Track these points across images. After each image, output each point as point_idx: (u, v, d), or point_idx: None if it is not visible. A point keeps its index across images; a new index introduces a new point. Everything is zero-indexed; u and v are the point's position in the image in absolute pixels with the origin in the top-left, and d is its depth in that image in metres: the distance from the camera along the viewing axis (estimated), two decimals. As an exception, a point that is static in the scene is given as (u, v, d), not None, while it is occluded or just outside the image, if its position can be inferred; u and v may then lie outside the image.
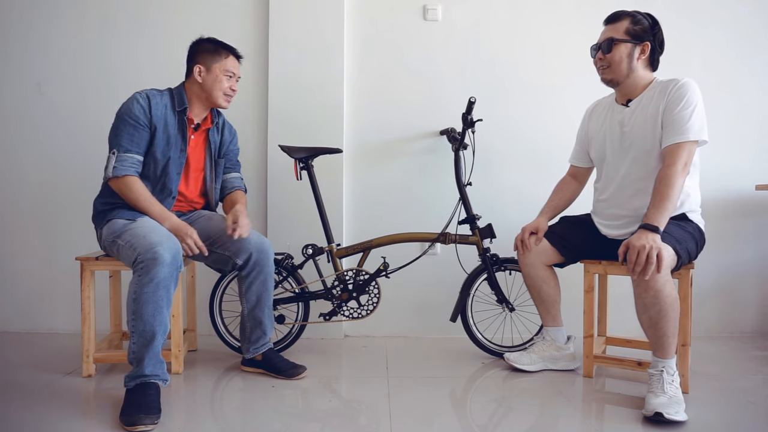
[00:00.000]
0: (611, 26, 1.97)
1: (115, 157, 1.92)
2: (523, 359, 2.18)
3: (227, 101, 2.08)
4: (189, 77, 2.07)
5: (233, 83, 2.08)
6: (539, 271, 2.16)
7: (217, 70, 2.03)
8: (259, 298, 2.10)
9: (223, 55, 2.05)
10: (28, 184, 2.70)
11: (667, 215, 1.76)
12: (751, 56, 2.72)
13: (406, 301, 2.71)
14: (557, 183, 2.30)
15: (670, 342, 1.79)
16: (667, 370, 1.79)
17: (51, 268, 2.70)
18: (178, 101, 2.02)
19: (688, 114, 1.82)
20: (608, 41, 1.95)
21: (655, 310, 1.75)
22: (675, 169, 1.78)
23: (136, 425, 1.62)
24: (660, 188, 1.78)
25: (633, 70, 1.94)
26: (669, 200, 1.76)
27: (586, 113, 2.21)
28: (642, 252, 1.69)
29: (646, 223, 1.75)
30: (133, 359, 1.76)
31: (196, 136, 2.10)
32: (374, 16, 2.69)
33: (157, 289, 1.74)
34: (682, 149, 1.81)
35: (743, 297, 2.75)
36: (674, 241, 1.77)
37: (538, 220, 2.18)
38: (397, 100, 2.70)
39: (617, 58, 1.94)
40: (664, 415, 1.66)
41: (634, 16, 1.94)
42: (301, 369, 2.12)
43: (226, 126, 2.22)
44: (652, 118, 1.90)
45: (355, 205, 2.71)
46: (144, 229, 1.84)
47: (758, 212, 2.73)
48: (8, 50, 2.67)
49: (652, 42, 1.93)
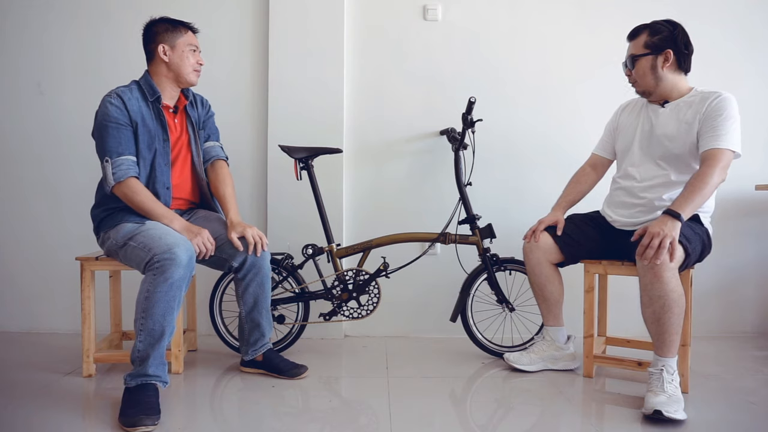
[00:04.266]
0: (632, 43, 2.03)
1: (109, 164, 1.89)
2: (522, 359, 2.18)
3: (196, 76, 2.07)
4: (152, 60, 2.03)
5: (198, 57, 2.06)
6: (544, 268, 2.16)
7: (182, 46, 2.00)
8: (257, 300, 2.09)
9: (182, 31, 2.02)
10: (28, 183, 2.70)
11: (694, 208, 1.79)
12: (751, 56, 2.72)
13: (406, 301, 2.71)
14: (574, 173, 2.28)
15: (672, 339, 1.79)
16: (667, 369, 1.79)
17: (51, 268, 2.70)
18: (148, 91, 1.99)
19: (729, 125, 1.86)
20: (631, 58, 2.01)
21: (660, 304, 1.75)
22: (713, 171, 1.81)
23: (136, 426, 1.61)
24: (694, 182, 1.82)
25: (660, 78, 1.97)
26: (701, 195, 1.79)
27: (620, 107, 2.23)
28: (656, 238, 1.71)
29: (671, 209, 1.78)
30: (136, 358, 1.76)
31: (176, 119, 2.08)
32: (374, 16, 2.69)
33: (171, 289, 1.73)
34: (722, 154, 1.84)
35: (743, 297, 2.75)
36: (685, 240, 1.79)
37: (555, 215, 2.18)
38: (397, 100, 2.70)
39: (641, 72, 1.99)
40: (663, 414, 1.67)
41: (652, 27, 1.98)
42: (302, 369, 2.12)
43: (197, 98, 2.20)
44: (686, 123, 1.93)
45: (355, 205, 2.71)
46: (158, 231, 1.83)
47: (758, 212, 2.73)
48: (8, 50, 2.67)
49: (674, 47, 1.95)
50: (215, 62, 2.62)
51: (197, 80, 2.08)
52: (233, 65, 2.67)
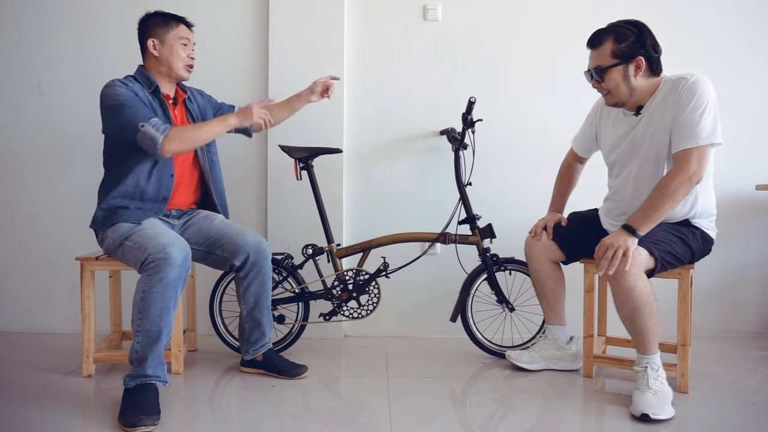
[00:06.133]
0: (596, 52, 1.88)
1: (147, 125, 1.80)
2: (523, 357, 2.18)
3: (188, 71, 2.05)
4: (145, 55, 2.03)
5: (190, 51, 2.04)
6: (544, 266, 2.16)
7: (172, 40, 1.99)
8: (258, 299, 2.09)
9: (173, 25, 2.00)
10: (27, 183, 2.70)
11: (652, 223, 1.78)
12: (752, 55, 2.71)
13: (406, 301, 2.71)
14: (560, 172, 2.29)
15: (649, 338, 1.81)
16: (651, 365, 1.81)
17: (51, 268, 2.70)
18: (145, 83, 1.99)
19: (698, 116, 1.74)
20: (598, 70, 1.86)
21: (629, 307, 1.78)
22: (677, 179, 1.74)
23: (136, 426, 1.61)
24: (654, 194, 1.78)
25: (634, 88, 1.85)
26: (658, 209, 1.76)
27: (597, 106, 2.13)
28: (609, 249, 1.74)
29: (626, 223, 1.79)
30: (135, 359, 1.76)
31: (176, 111, 2.08)
32: (374, 15, 2.69)
33: (166, 290, 1.73)
34: (690, 156, 1.74)
35: (743, 297, 2.75)
36: (651, 244, 1.78)
37: (554, 215, 2.18)
38: (397, 100, 2.70)
39: (613, 84, 1.85)
40: (650, 416, 1.69)
41: (616, 32, 1.83)
42: (302, 369, 2.12)
43: (194, 92, 2.20)
44: (663, 125, 1.82)
45: (355, 205, 2.71)
46: (153, 231, 1.83)
47: (758, 212, 2.73)
48: (8, 50, 2.67)
49: (644, 53, 1.82)
50: (215, 62, 2.61)
51: (188, 75, 2.06)
52: (233, 65, 2.67)
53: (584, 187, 2.33)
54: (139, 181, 1.93)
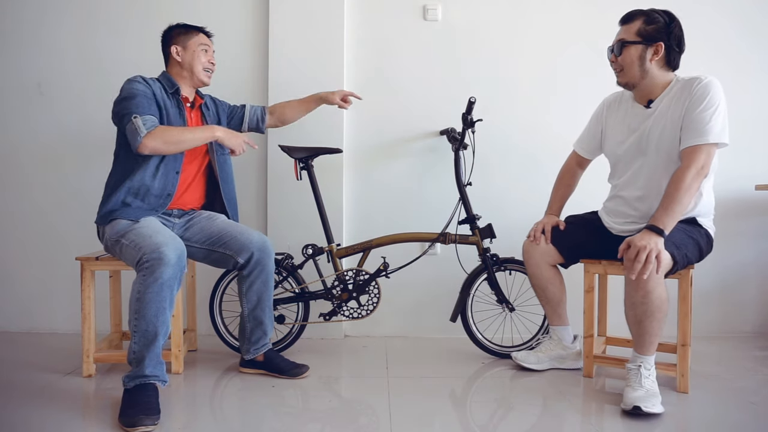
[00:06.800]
0: (624, 27, 1.91)
1: (139, 119, 1.86)
2: (530, 358, 2.18)
3: (208, 76, 2.16)
4: (168, 62, 2.13)
5: (210, 57, 2.15)
6: (544, 271, 2.16)
7: (193, 46, 2.11)
8: (260, 297, 2.10)
9: (193, 33, 2.13)
10: (27, 183, 2.70)
11: (675, 218, 1.76)
12: (753, 55, 2.71)
13: (406, 301, 2.71)
14: (560, 172, 2.28)
15: (652, 341, 1.82)
16: (645, 365, 1.83)
17: (51, 268, 2.70)
18: (167, 84, 2.07)
19: (709, 115, 1.78)
20: (619, 43, 1.90)
21: (642, 309, 1.77)
22: (690, 172, 1.76)
23: (136, 426, 1.61)
24: (671, 191, 1.78)
25: (646, 71, 1.88)
26: (679, 203, 1.75)
27: (604, 105, 2.14)
28: (642, 252, 1.69)
29: (652, 224, 1.75)
30: (133, 359, 1.76)
31: (192, 114, 2.15)
32: (374, 16, 2.69)
33: (161, 290, 1.73)
34: (700, 152, 1.77)
35: (743, 297, 2.75)
36: (673, 247, 1.77)
37: (551, 218, 2.17)
38: (397, 100, 2.70)
39: (628, 60, 1.88)
40: (642, 408, 1.71)
41: (649, 15, 1.87)
42: (303, 368, 2.12)
43: (209, 99, 2.28)
44: (674, 121, 1.84)
45: (355, 205, 2.71)
46: (149, 229, 1.84)
47: (758, 212, 2.73)
48: (8, 50, 2.67)
49: (667, 41, 1.85)
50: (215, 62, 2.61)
51: (209, 80, 2.16)
52: (233, 65, 2.67)
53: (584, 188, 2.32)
54: (146, 176, 1.95)
